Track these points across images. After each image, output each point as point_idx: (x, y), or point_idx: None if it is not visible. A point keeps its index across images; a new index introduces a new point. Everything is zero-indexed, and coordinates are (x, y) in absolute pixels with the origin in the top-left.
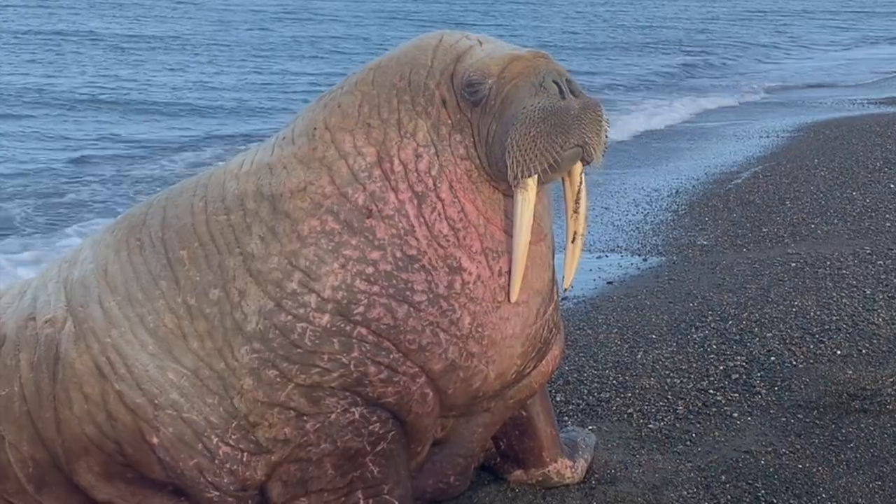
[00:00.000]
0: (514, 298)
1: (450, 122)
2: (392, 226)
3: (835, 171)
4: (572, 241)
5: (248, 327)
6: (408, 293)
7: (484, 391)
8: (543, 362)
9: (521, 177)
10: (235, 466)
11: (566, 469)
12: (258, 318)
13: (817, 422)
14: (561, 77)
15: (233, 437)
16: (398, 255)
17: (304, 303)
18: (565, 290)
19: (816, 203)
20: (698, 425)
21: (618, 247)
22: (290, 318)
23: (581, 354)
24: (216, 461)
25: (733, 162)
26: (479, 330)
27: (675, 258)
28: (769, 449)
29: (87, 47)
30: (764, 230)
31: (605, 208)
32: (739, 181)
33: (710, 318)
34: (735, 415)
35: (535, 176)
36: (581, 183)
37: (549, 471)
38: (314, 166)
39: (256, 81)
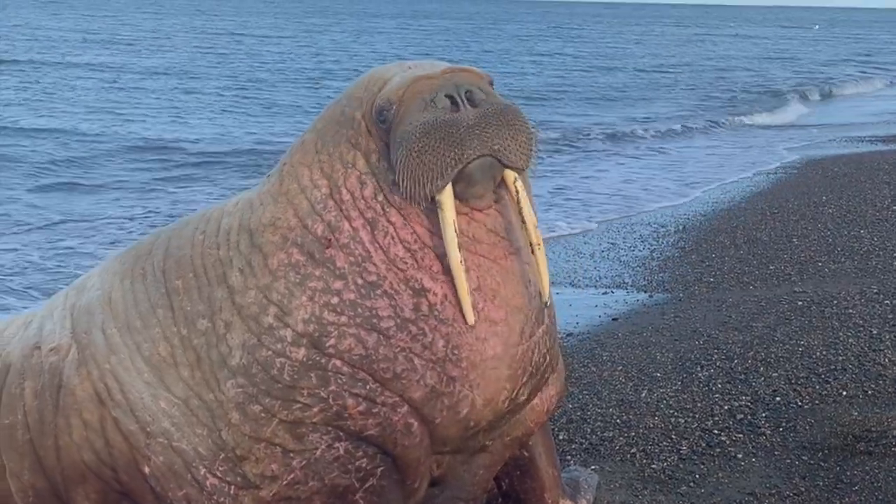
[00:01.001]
0: (469, 320)
1: (376, 150)
2: (349, 253)
3: (843, 209)
4: (532, 253)
5: (233, 361)
6: (374, 320)
7: (475, 420)
8: (538, 400)
9: (416, 198)
10: (223, 499)
11: None
12: (241, 353)
13: (822, 464)
14: (459, 89)
15: (220, 468)
16: (359, 282)
17: (280, 337)
18: (545, 303)
19: (824, 241)
20: (702, 466)
21: (623, 283)
22: (269, 353)
23: (585, 392)
24: (204, 493)
25: (741, 198)
26: (456, 352)
27: (681, 295)
28: (773, 491)
29: None
30: (771, 268)
31: (612, 244)
32: (746, 218)
33: (716, 356)
34: (739, 456)
35: (448, 193)
36: (518, 192)
37: None
38: (281, 201)
39: None
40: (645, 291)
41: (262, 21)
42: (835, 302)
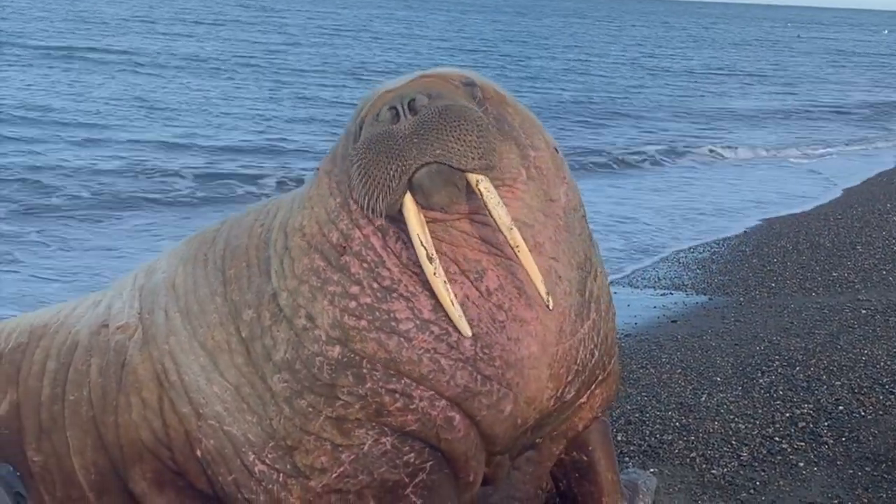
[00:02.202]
0: (465, 332)
1: None
2: (363, 260)
3: None
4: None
5: (277, 356)
6: (392, 323)
7: (522, 418)
8: (585, 399)
9: (376, 212)
10: (271, 486)
11: None
12: (286, 348)
13: (886, 475)
14: (402, 99)
15: (269, 456)
16: (375, 286)
17: (315, 338)
18: (548, 307)
19: (889, 249)
20: (763, 473)
21: (683, 285)
22: (309, 351)
23: (644, 393)
24: (253, 479)
25: (803, 203)
26: (487, 351)
27: (741, 299)
28: (835, 501)
29: None
30: (834, 274)
31: (672, 245)
32: (809, 223)
33: (777, 363)
34: (801, 464)
35: (409, 205)
36: (482, 195)
37: None
38: (307, 206)
39: None
40: (705, 294)
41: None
42: None
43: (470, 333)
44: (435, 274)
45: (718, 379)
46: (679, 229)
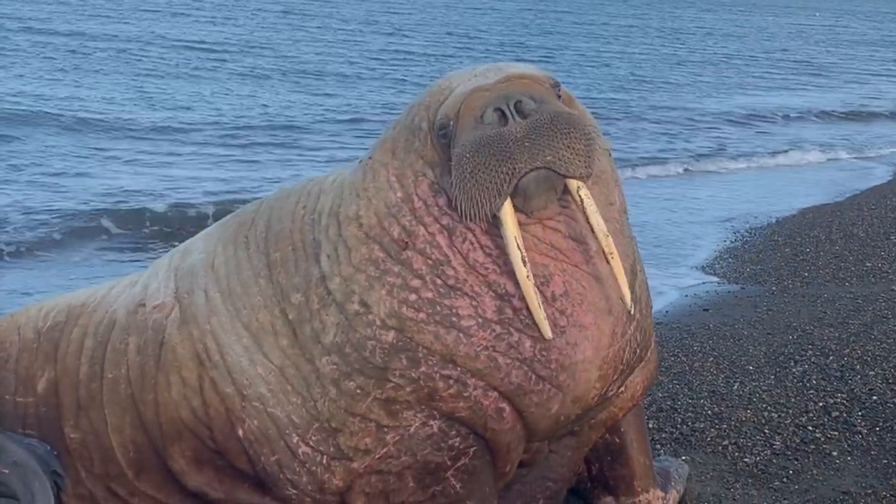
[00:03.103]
0: (546, 335)
1: (440, 164)
2: (427, 257)
3: None
4: (607, 262)
5: (327, 339)
6: (454, 318)
7: (565, 416)
8: (623, 388)
9: (477, 216)
10: (314, 468)
11: (657, 500)
12: (335, 331)
13: None
14: (508, 101)
15: (313, 438)
16: (438, 283)
17: (369, 322)
18: (628, 311)
19: None
20: (796, 462)
21: (715, 273)
22: (360, 335)
23: (675, 382)
24: (296, 460)
25: (837, 192)
26: (544, 354)
27: (773, 288)
28: (869, 491)
29: None
30: (868, 264)
31: (704, 232)
32: (842, 213)
33: (811, 352)
34: (834, 453)
35: (507, 209)
36: (582, 201)
37: (639, 500)
38: (363, 197)
39: None
40: (737, 283)
41: None
42: None
43: (551, 336)
44: (528, 277)
45: (751, 368)
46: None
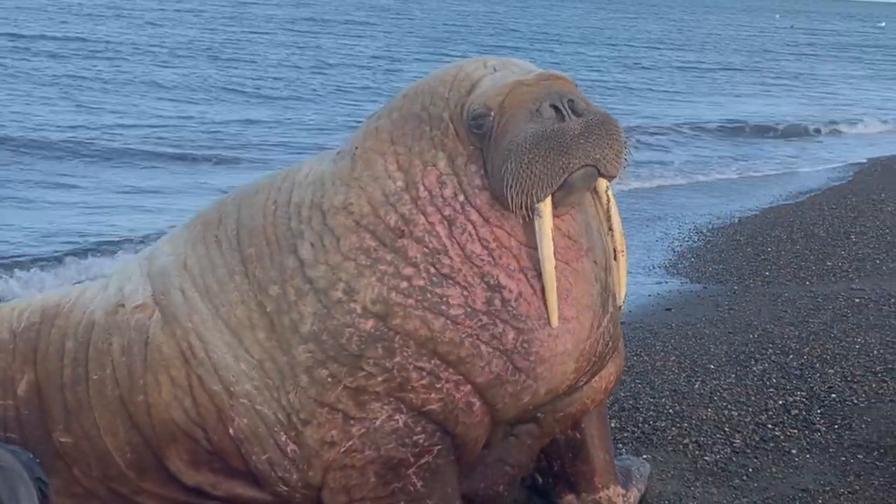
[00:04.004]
0: (554, 323)
1: (465, 153)
2: (424, 245)
3: None
4: (615, 259)
5: (304, 328)
6: (443, 307)
7: (534, 405)
8: (596, 378)
9: (524, 208)
10: (301, 465)
11: (618, 497)
12: (313, 320)
13: (878, 463)
14: (562, 98)
15: (293, 433)
16: (432, 271)
17: (349, 310)
18: (620, 308)
19: (883, 239)
20: (755, 460)
21: (678, 273)
22: (339, 323)
23: (637, 381)
24: (286, 458)
25: (798, 192)
26: (526, 346)
27: (735, 287)
28: (827, 488)
29: None
30: (828, 264)
31: (666, 233)
32: (803, 213)
33: (771, 350)
34: (793, 451)
35: (548, 201)
36: (609, 200)
37: (600, 497)
38: (353, 185)
39: None
40: (699, 282)
41: None
42: (893, 300)
43: (557, 323)
44: (554, 268)
45: (712, 366)
46: (671, 219)
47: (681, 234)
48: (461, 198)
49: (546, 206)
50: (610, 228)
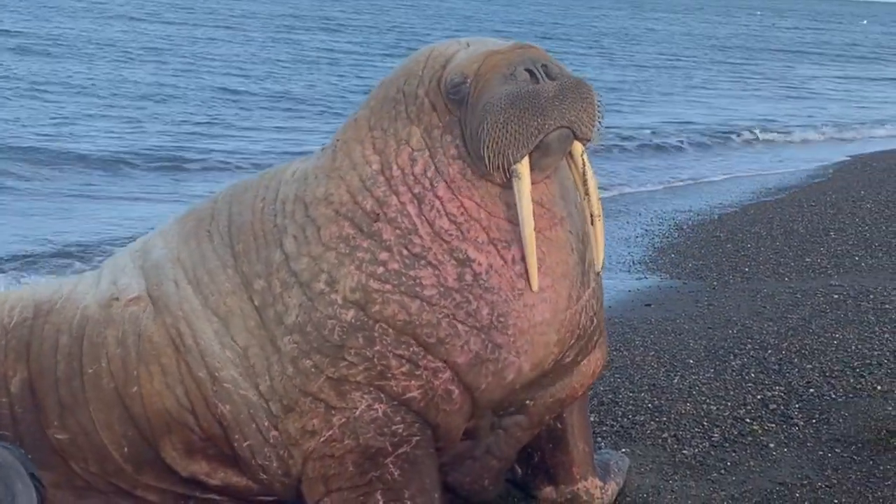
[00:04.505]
0: (534, 287)
1: (440, 124)
2: (396, 227)
3: (881, 204)
4: (592, 224)
5: (289, 320)
6: (417, 289)
7: (520, 383)
8: (585, 362)
9: (500, 167)
10: (282, 452)
11: (596, 489)
12: (298, 312)
13: (855, 457)
14: (536, 63)
15: (274, 420)
16: (405, 252)
17: (331, 301)
18: (598, 273)
19: (861, 235)
20: (733, 454)
21: (658, 269)
22: (321, 314)
23: (617, 375)
24: (267, 444)
25: (778, 189)
26: (502, 320)
27: (715, 283)
28: (805, 482)
29: None
30: (807, 260)
31: (647, 230)
32: (783, 209)
33: (750, 346)
34: (771, 445)
35: (525, 162)
36: (584, 164)
37: (578, 488)
38: (333, 176)
39: None
40: (679, 278)
41: None
42: (871, 296)
43: (537, 289)
44: (533, 230)
45: (691, 361)
46: (652, 215)
47: (661, 231)
48: (430, 172)
49: (524, 168)
50: (586, 193)
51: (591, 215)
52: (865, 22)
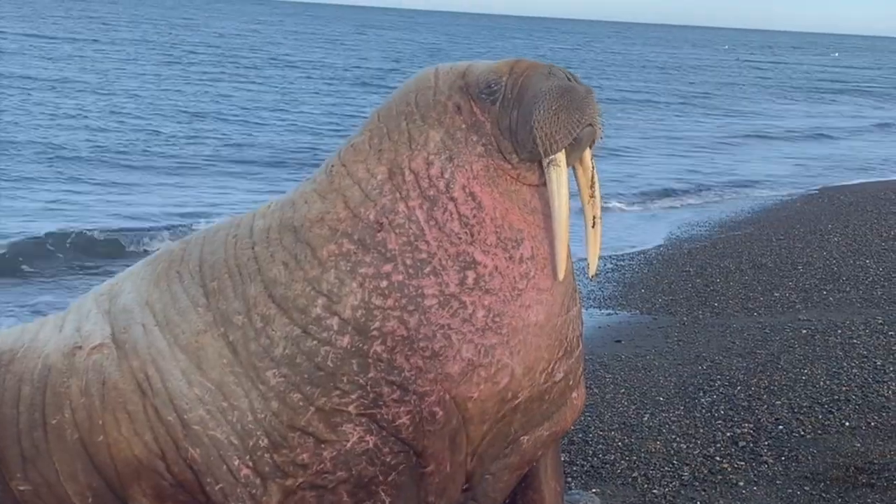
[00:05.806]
0: (560, 276)
1: (464, 125)
2: (402, 234)
3: (848, 238)
4: (592, 227)
5: (276, 352)
6: (419, 299)
7: (513, 391)
8: (576, 394)
9: (552, 151)
10: (254, 490)
11: None
12: (286, 344)
13: (824, 495)
14: (561, 69)
15: (251, 458)
16: (409, 262)
17: (327, 326)
18: (591, 278)
19: (829, 269)
20: (703, 493)
21: (628, 304)
22: (314, 342)
23: (587, 414)
24: (238, 485)
25: (747, 222)
26: (497, 320)
27: (685, 319)
28: None
29: None
30: (776, 294)
31: (617, 264)
32: (752, 244)
33: (719, 382)
34: (741, 483)
35: (563, 152)
36: (593, 168)
37: None
38: (330, 197)
39: None
40: (649, 314)
41: None
42: (839, 331)
43: (562, 278)
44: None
45: (661, 399)
46: (622, 249)
47: (631, 265)
48: (447, 174)
49: (562, 157)
50: (592, 196)
51: (594, 217)
52: (836, 55)
